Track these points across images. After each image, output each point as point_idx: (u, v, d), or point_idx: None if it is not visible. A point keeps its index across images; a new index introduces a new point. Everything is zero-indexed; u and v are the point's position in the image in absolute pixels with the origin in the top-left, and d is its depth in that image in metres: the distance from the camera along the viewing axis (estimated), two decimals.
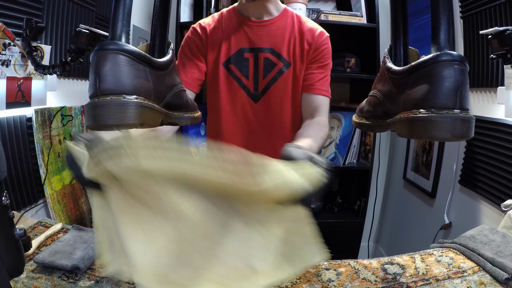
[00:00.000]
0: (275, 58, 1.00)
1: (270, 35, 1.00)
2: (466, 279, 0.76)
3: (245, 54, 1.01)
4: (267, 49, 1.00)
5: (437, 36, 0.49)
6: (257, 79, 1.01)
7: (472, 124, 0.47)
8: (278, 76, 1.00)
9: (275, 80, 1.01)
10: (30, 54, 0.99)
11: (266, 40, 1.00)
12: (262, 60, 1.00)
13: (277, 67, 1.00)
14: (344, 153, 1.97)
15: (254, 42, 1.00)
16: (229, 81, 1.02)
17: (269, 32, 1.00)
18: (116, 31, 0.53)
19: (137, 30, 1.85)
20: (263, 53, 1.00)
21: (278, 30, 1.00)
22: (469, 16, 1.38)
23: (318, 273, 0.80)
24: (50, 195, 1.15)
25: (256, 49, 1.00)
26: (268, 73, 1.00)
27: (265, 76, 1.01)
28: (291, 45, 1.00)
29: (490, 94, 1.33)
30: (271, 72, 1.00)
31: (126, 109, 0.49)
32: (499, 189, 1.25)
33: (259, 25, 1.00)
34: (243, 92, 1.02)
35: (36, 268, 0.76)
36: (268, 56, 1.00)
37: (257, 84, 1.02)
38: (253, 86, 1.02)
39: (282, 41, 1.00)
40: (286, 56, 1.00)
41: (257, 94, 1.02)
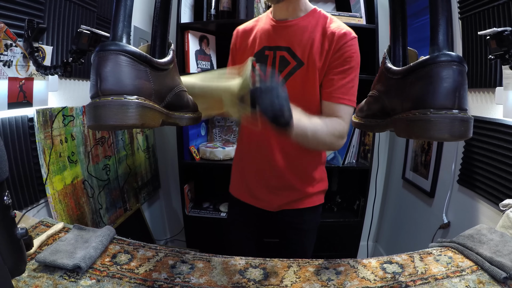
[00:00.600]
0: (290, 57, 1.01)
1: (290, 35, 1.02)
2: (464, 278, 0.76)
3: (266, 52, 1.04)
4: (284, 48, 1.02)
5: (436, 37, 0.49)
6: None
7: (471, 124, 0.48)
8: (290, 74, 1.02)
9: (288, 78, 1.02)
10: (31, 54, 0.99)
11: (285, 40, 1.02)
12: (278, 58, 1.02)
13: (291, 65, 1.02)
14: (344, 153, 1.97)
15: (275, 40, 1.03)
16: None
17: (290, 32, 1.02)
18: (117, 32, 0.53)
19: (138, 31, 1.85)
20: (280, 51, 1.02)
21: (298, 30, 1.01)
22: (467, 17, 1.38)
23: (318, 272, 0.80)
24: (51, 195, 1.15)
25: (275, 47, 1.03)
26: (283, 70, 1.02)
27: (280, 73, 1.02)
28: (308, 45, 1.00)
29: (488, 94, 1.33)
30: (285, 70, 1.02)
31: (127, 109, 0.49)
32: (497, 188, 1.25)
33: (282, 25, 1.03)
34: None
35: (38, 267, 0.76)
36: (284, 54, 1.02)
37: None
38: None
39: (300, 41, 1.01)
40: (301, 55, 1.01)
41: None
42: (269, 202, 1.17)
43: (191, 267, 0.82)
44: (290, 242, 1.23)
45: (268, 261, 0.85)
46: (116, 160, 1.63)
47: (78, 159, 1.31)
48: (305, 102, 1.03)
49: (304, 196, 1.16)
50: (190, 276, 0.78)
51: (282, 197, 1.15)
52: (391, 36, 0.65)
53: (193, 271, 0.80)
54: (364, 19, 1.90)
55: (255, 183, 1.17)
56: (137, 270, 0.79)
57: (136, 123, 0.51)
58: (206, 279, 0.77)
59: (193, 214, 2.12)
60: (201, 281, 0.77)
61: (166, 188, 2.40)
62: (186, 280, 0.77)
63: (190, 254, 0.88)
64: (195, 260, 0.85)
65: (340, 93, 0.98)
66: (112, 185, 1.58)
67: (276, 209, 1.17)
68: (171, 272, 0.79)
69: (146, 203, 2.07)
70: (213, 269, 0.81)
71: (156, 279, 0.76)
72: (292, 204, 1.16)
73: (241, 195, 1.23)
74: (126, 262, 0.82)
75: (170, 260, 0.84)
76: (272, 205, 1.17)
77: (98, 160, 1.46)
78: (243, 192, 1.23)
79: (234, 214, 1.32)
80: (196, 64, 1.92)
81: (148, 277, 0.77)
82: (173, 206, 2.47)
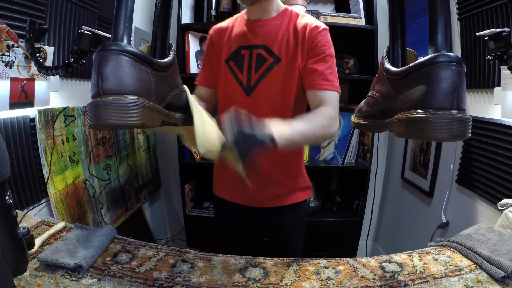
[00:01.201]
0: (267, 54, 1.04)
1: (265, 33, 1.05)
2: (463, 277, 0.77)
3: (242, 51, 1.07)
4: (261, 46, 1.05)
5: (435, 38, 0.49)
6: (250, 73, 1.06)
7: (469, 124, 0.48)
8: (268, 70, 1.04)
9: (265, 74, 1.04)
10: (33, 55, 0.99)
11: (260, 38, 1.05)
12: (255, 56, 1.05)
13: (268, 62, 1.04)
14: (343, 153, 1.98)
15: (250, 40, 1.06)
16: (227, 76, 1.09)
17: (264, 31, 1.05)
18: (118, 32, 0.54)
19: (139, 32, 1.85)
20: (256, 49, 1.05)
21: (273, 28, 1.04)
22: (466, 18, 1.39)
23: (317, 271, 0.81)
24: (53, 195, 1.15)
25: (251, 46, 1.06)
26: (260, 67, 1.05)
27: (257, 70, 1.05)
28: (283, 41, 1.03)
29: (486, 94, 1.34)
30: (262, 67, 1.04)
31: (127, 109, 0.50)
32: (495, 188, 1.26)
33: (256, 25, 1.05)
34: (237, 86, 1.07)
35: (39, 266, 0.76)
36: (261, 52, 1.05)
37: (250, 78, 1.06)
38: (246, 79, 1.06)
39: (275, 38, 1.04)
40: (277, 52, 1.03)
41: (249, 87, 1.07)
42: (253, 197, 1.17)
43: (191, 266, 0.82)
44: (277, 239, 1.24)
45: (268, 260, 0.85)
46: (117, 160, 1.63)
47: (79, 159, 1.31)
48: (285, 97, 1.06)
49: (288, 191, 1.17)
50: (190, 275, 0.78)
51: (265, 192, 1.15)
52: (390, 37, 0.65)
53: (193, 270, 0.81)
54: (363, 20, 1.91)
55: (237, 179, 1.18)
56: (138, 269, 0.79)
57: (137, 123, 0.51)
58: (207, 278, 0.78)
59: (194, 213, 2.12)
60: (202, 280, 0.77)
61: (166, 187, 2.41)
62: (186, 279, 0.77)
63: (191, 253, 0.88)
64: (195, 259, 0.85)
65: (321, 79, 0.99)
66: (113, 185, 1.58)
67: (260, 204, 1.18)
68: (172, 271, 0.79)
69: (147, 203, 2.08)
70: (213, 268, 0.82)
71: (156, 278, 0.76)
72: (276, 201, 1.17)
73: (225, 194, 1.24)
74: (127, 261, 0.82)
75: (170, 259, 0.84)
76: (255, 200, 1.18)
77: (99, 160, 1.46)
78: (226, 190, 1.24)
79: (219, 214, 1.34)
80: (196, 64, 1.93)
81: (149, 276, 0.77)
82: (173, 205, 2.47)
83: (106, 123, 0.49)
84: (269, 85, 1.05)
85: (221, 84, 1.11)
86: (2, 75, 0.94)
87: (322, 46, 1.01)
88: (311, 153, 2.12)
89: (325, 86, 0.98)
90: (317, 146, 2.14)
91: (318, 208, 2.10)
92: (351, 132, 1.98)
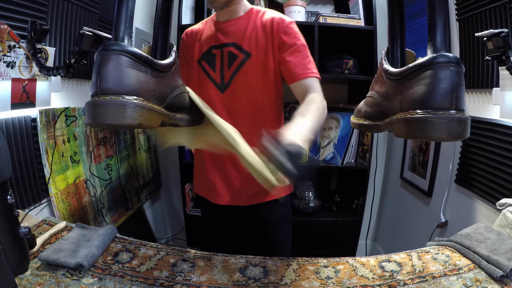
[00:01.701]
0: (237, 51, 1.08)
1: (234, 32, 1.09)
2: (462, 276, 0.77)
3: (213, 51, 1.10)
4: (231, 44, 1.08)
5: (434, 38, 0.50)
6: (223, 71, 1.09)
7: (468, 124, 0.48)
8: (240, 66, 1.08)
9: (238, 70, 1.08)
10: (34, 56, 1.00)
11: (230, 37, 1.09)
12: (226, 54, 1.09)
13: (239, 58, 1.08)
14: (343, 153, 1.98)
15: (220, 39, 1.10)
16: (201, 75, 1.13)
17: (234, 30, 1.09)
18: (119, 33, 0.54)
19: (140, 33, 1.85)
20: (227, 48, 1.09)
21: (241, 26, 1.09)
22: (465, 18, 1.39)
23: (317, 271, 0.81)
24: (54, 194, 1.15)
25: (222, 44, 1.09)
26: (232, 64, 1.08)
27: (229, 67, 1.09)
28: (252, 37, 1.07)
29: (485, 95, 1.34)
30: (234, 64, 1.08)
31: (124, 109, 0.49)
32: (494, 188, 1.26)
33: (225, 25, 1.10)
34: (211, 84, 1.11)
35: (41, 266, 0.77)
36: (231, 49, 1.08)
37: (223, 75, 1.10)
38: (220, 77, 1.10)
39: (244, 35, 1.07)
40: (247, 48, 1.07)
41: (223, 84, 1.10)
42: (234, 196, 1.19)
43: (192, 265, 0.83)
44: (265, 235, 1.25)
45: (268, 260, 0.86)
46: (118, 160, 1.63)
47: (80, 159, 1.32)
48: (262, 89, 1.09)
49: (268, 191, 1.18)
50: (191, 275, 0.79)
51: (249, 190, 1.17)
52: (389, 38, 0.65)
53: (194, 269, 0.81)
54: (363, 20, 1.91)
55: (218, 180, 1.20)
56: (139, 269, 0.80)
57: (133, 123, 0.51)
58: (207, 277, 0.78)
59: (194, 213, 2.12)
60: (202, 279, 0.77)
61: (167, 187, 2.41)
62: (187, 278, 0.77)
63: (191, 252, 0.88)
64: (195, 258, 0.86)
65: (301, 70, 1.03)
66: (114, 185, 1.58)
67: (243, 203, 1.19)
68: (172, 271, 0.80)
69: (147, 202, 2.08)
70: (213, 267, 0.82)
71: (157, 278, 0.77)
72: (259, 198, 1.18)
73: (207, 194, 1.26)
74: (127, 261, 0.83)
75: (171, 259, 0.85)
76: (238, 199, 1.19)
77: (100, 160, 1.47)
78: (207, 190, 1.25)
79: (204, 213, 1.37)
80: None
81: (150, 276, 0.77)
82: (174, 205, 2.48)
83: (103, 123, 0.49)
84: (243, 80, 1.08)
85: (195, 85, 1.13)
86: (3, 75, 0.94)
87: (293, 37, 1.05)
88: (311, 153, 2.13)
89: (307, 75, 1.03)
90: (316, 146, 2.15)
91: (317, 208, 2.10)
92: (351, 132, 1.98)
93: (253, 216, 1.23)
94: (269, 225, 1.23)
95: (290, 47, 1.05)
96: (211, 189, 1.22)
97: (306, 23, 1.89)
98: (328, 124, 2.12)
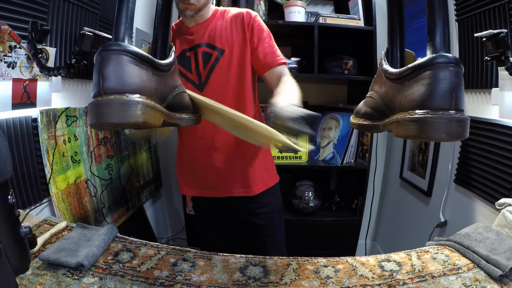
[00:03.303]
0: (210, 49, 1.11)
1: (204, 33, 1.12)
2: (461, 276, 0.78)
3: (187, 53, 1.13)
4: (204, 44, 1.12)
5: (433, 39, 0.50)
6: (199, 70, 1.13)
7: (467, 124, 0.48)
8: (216, 63, 1.11)
9: (214, 67, 1.11)
10: (35, 56, 1.00)
11: (201, 38, 1.12)
12: (200, 54, 1.11)
13: (213, 56, 1.11)
14: (342, 153, 1.99)
15: (193, 41, 1.12)
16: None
17: (203, 31, 1.12)
18: (119, 33, 0.54)
19: (140, 33, 1.85)
20: (200, 48, 1.12)
21: (210, 26, 1.12)
22: (464, 19, 1.39)
23: (317, 270, 0.81)
24: (55, 194, 1.16)
25: (194, 46, 1.12)
26: (207, 63, 1.11)
27: (205, 66, 1.12)
28: (223, 34, 1.11)
29: (484, 95, 1.34)
30: (209, 62, 1.11)
31: (128, 107, 0.49)
32: (493, 188, 1.27)
33: (195, 29, 1.12)
34: (190, 86, 1.14)
35: (41, 265, 0.77)
36: (204, 49, 1.11)
37: (200, 75, 1.13)
38: (197, 77, 1.13)
39: (214, 34, 1.11)
40: (219, 45, 1.11)
41: (201, 83, 1.13)
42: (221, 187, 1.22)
43: (192, 265, 0.83)
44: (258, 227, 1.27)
45: (268, 259, 0.86)
46: (118, 159, 1.63)
47: (81, 159, 1.32)
48: (241, 82, 1.13)
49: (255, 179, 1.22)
50: (191, 274, 0.79)
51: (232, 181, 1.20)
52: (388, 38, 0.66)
53: (194, 269, 0.81)
54: (362, 21, 1.92)
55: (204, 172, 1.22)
56: (139, 268, 0.80)
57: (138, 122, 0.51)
58: (207, 276, 0.78)
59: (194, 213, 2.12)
60: (202, 278, 0.78)
61: (167, 187, 2.41)
62: (187, 278, 0.78)
63: (191, 252, 0.89)
64: (196, 258, 0.86)
65: (271, 58, 1.10)
66: (114, 185, 1.58)
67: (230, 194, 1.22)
68: (173, 270, 0.80)
69: (148, 202, 2.08)
70: (213, 267, 0.82)
71: (157, 277, 0.77)
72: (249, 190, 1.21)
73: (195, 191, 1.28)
74: (128, 260, 0.83)
75: (171, 258, 0.85)
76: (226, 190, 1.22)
77: (100, 160, 1.47)
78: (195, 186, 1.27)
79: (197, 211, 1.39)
80: None
81: (150, 275, 0.78)
82: (174, 205, 2.48)
83: (108, 122, 0.49)
84: (220, 76, 1.12)
85: None
86: (4, 75, 0.94)
87: (259, 29, 1.11)
88: (311, 153, 2.13)
89: (278, 62, 1.11)
90: (316, 146, 2.15)
91: (317, 208, 2.10)
92: (350, 132, 1.98)
93: (245, 208, 1.25)
94: (261, 216, 1.25)
95: (259, 38, 1.11)
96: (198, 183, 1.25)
97: (306, 23, 1.89)
98: (328, 124, 2.12)
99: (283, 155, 2.01)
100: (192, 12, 1.06)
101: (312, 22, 1.94)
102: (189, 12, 1.06)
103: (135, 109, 0.50)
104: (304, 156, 2.04)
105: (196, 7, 1.05)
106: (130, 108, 0.50)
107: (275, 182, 1.29)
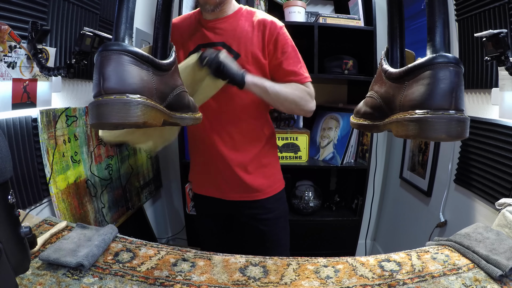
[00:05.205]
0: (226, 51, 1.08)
1: (223, 31, 1.10)
2: (461, 276, 0.78)
3: (201, 50, 1.10)
4: (219, 43, 1.10)
5: (433, 39, 0.50)
6: None
7: (467, 124, 0.48)
8: None
9: None
10: (35, 56, 1.00)
11: (219, 36, 1.10)
12: None
13: None
14: (342, 153, 1.99)
15: (209, 38, 1.11)
16: None
17: (222, 29, 1.10)
18: (120, 33, 0.54)
19: (140, 33, 1.85)
20: (216, 47, 1.09)
21: (230, 26, 1.10)
22: (464, 19, 1.39)
23: (317, 270, 0.81)
24: (55, 194, 1.15)
25: (210, 43, 1.10)
26: None
27: None
28: (242, 37, 1.08)
29: (484, 95, 1.35)
30: None
31: (129, 107, 0.49)
32: (493, 188, 1.27)
33: (213, 24, 1.10)
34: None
35: (41, 265, 0.77)
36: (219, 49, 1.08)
37: None
38: None
39: (233, 35, 1.09)
40: (236, 48, 1.08)
41: None
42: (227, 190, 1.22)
43: (192, 265, 0.83)
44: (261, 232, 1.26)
45: (268, 259, 0.86)
46: (118, 159, 1.63)
47: (81, 159, 1.32)
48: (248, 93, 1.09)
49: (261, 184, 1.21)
50: (191, 274, 0.79)
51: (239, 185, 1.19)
52: (388, 38, 0.66)
53: (194, 269, 0.81)
54: (362, 21, 1.92)
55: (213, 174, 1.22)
56: (139, 268, 0.80)
57: (138, 121, 0.51)
58: (207, 276, 0.78)
59: (194, 213, 2.11)
60: (202, 278, 0.78)
61: (167, 187, 2.41)
62: (187, 277, 0.78)
63: (191, 252, 0.89)
64: (196, 258, 0.86)
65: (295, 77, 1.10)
66: (114, 185, 1.58)
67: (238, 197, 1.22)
68: (173, 270, 0.80)
69: (148, 202, 2.08)
70: (213, 267, 0.82)
71: (157, 277, 0.77)
72: (253, 195, 1.21)
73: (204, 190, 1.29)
74: (128, 260, 0.83)
75: (171, 258, 0.85)
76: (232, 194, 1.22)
77: (100, 160, 1.47)
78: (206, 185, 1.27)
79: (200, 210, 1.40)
80: None
81: (150, 275, 0.78)
82: (174, 205, 2.48)
83: (108, 122, 0.49)
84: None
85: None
86: (4, 75, 0.94)
87: (284, 43, 1.09)
88: (311, 153, 2.13)
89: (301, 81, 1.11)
90: (316, 146, 2.15)
91: (317, 208, 2.11)
92: (350, 132, 1.98)
93: (249, 213, 1.24)
94: (265, 222, 1.24)
95: (283, 53, 1.09)
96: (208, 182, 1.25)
97: (306, 23, 1.89)
98: (328, 124, 2.12)
99: (283, 155, 2.01)
100: (212, 6, 1.04)
101: (312, 22, 1.94)
102: (209, 7, 1.04)
103: (135, 109, 0.50)
104: (304, 156, 2.04)
105: (216, 1, 1.04)
106: (131, 108, 0.50)
107: (281, 188, 1.27)
